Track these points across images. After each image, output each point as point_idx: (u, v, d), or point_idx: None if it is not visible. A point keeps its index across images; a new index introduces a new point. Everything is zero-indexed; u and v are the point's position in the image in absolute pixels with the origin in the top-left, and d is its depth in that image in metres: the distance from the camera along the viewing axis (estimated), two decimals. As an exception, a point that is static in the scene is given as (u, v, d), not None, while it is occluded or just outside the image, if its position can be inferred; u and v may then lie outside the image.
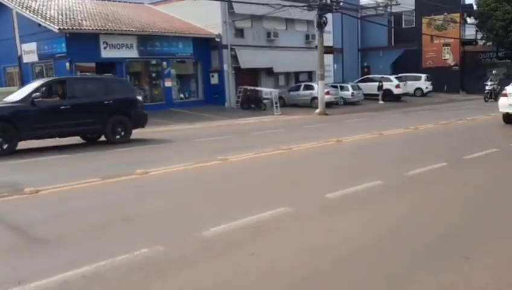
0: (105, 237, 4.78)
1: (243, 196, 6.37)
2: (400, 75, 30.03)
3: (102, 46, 20.41)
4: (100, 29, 20.04)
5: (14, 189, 6.91)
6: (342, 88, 27.05)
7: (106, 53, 20.60)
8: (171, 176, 7.85)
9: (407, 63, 32.30)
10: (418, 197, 6.05)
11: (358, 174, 7.55)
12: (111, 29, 20.39)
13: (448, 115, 18.89)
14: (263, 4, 23.06)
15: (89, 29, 19.57)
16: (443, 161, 8.15)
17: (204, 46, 24.70)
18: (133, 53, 21.67)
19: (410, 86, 30.20)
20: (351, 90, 26.77)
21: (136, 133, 13.45)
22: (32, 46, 20.44)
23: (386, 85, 27.97)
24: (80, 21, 20.17)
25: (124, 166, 8.77)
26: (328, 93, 24.08)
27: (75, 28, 19.00)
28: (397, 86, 28.28)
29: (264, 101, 24.87)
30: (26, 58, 21.10)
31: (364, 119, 19.15)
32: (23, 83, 16.20)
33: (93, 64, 20.72)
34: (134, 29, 21.40)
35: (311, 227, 4.94)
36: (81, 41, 19.46)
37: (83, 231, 4.95)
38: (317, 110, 22.30)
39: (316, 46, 23.44)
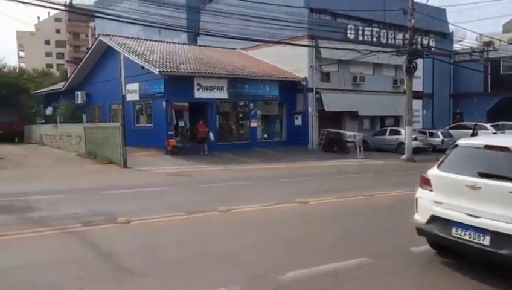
0: (187, 272, 5.03)
1: (321, 241, 6.34)
2: (497, 123, 28.02)
3: (196, 87, 21.82)
4: (195, 72, 21.51)
5: (109, 218, 7.55)
6: (431, 134, 25.86)
7: (199, 94, 21.96)
8: (251, 216, 8.06)
9: (506, 111, 30.05)
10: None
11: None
12: (204, 72, 21.80)
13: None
14: (350, 50, 23.25)
15: (185, 72, 21.14)
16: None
17: (290, 88, 25.31)
18: (223, 94, 22.85)
19: (509, 135, 27.95)
20: (441, 137, 25.48)
21: (220, 169, 14.01)
22: (134, 86, 22.49)
23: (481, 133, 26.19)
24: (177, 64, 21.88)
25: (207, 202, 9.18)
26: (415, 139, 23.16)
27: (173, 70, 20.63)
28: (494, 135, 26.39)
29: (348, 144, 24.60)
30: (129, 97, 23.19)
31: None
32: (124, 119, 17.81)
33: (186, 104, 22.16)
34: (225, 73, 22.68)
35: (393, 281, 4.77)
36: (178, 83, 21.02)
37: (166, 264, 5.27)
38: (404, 156, 21.50)
39: (404, 91, 22.90)
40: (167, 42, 26.98)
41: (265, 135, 25.56)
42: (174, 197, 10.39)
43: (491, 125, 27.28)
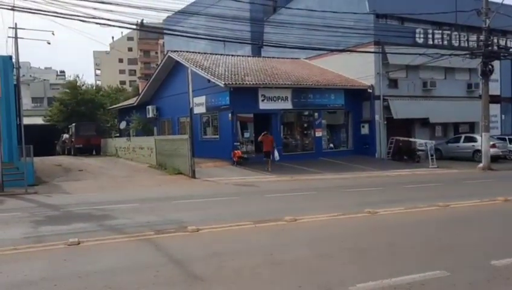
0: (254, 281, 5.05)
1: (391, 253, 6.09)
2: None
3: (260, 98, 22.09)
4: (259, 84, 21.79)
5: (179, 226, 7.82)
6: (511, 141, 24.07)
7: (263, 105, 22.20)
8: (318, 225, 7.95)
9: None
10: None
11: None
12: (268, 83, 22.02)
13: None
14: (420, 54, 22.35)
15: (249, 83, 21.49)
16: None
17: (356, 97, 24.80)
18: (287, 105, 22.91)
19: None
20: (522, 144, 23.65)
21: (285, 180, 13.99)
22: (201, 99, 23.24)
23: None
24: (242, 76, 22.32)
25: (273, 212, 9.19)
26: (494, 146, 21.68)
27: (238, 82, 21.07)
28: None
29: (418, 152, 23.57)
30: (196, 110, 23.94)
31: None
32: (192, 131, 18.45)
33: (251, 115, 22.50)
34: (289, 83, 22.74)
35: (471, 296, 4.47)
36: (242, 95, 21.40)
37: (234, 272, 5.32)
38: (481, 165, 20.17)
39: (480, 96, 21.57)
40: (232, 55, 27.64)
41: (331, 145, 25.20)
42: (241, 207, 10.53)
43: None
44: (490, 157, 20.37)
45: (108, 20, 15.61)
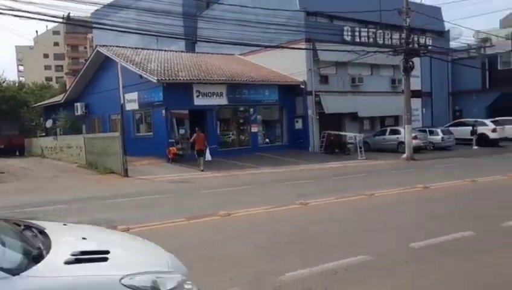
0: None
1: (320, 241, 6.35)
2: (496, 119, 28.02)
3: (195, 94, 21.89)
4: (193, 79, 21.59)
5: (109, 226, 7.55)
6: (431, 133, 25.86)
7: (198, 101, 22.02)
8: (252, 219, 8.08)
9: (505, 106, 30.04)
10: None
11: (445, 223, 7.16)
12: (203, 79, 21.89)
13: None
14: (348, 51, 23.32)
15: (183, 79, 21.22)
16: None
17: (290, 92, 25.37)
18: (223, 100, 22.92)
19: (509, 130, 27.91)
20: (440, 135, 25.48)
21: (222, 176, 14.04)
22: (133, 95, 22.60)
23: (481, 129, 26.20)
24: (176, 72, 21.98)
25: (208, 207, 9.20)
26: (415, 137, 23.15)
27: (171, 78, 20.72)
28: (493, 130, 26.31)
29: (348, 145, 24.61)
30: (128, 106, 23.26)
31: (456, 165, 18.04)
32: (123, 128, 17.90)
33: (186, 112, 22.24)
34: (224, 79, 22.75)
35: (393, 278, 4.79)
36: (176, 91, 21.08)
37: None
38: (404, 155, 21.50)
39: (403, 91, 22.93)
40: (165, 50, 27.11)
41: (267, 140, 25.59)
42: (175, 204, 10.42)
43: (491, 121, 27.28)
44: (413, 148, 21.76)
45: (29, 12, 14.67)
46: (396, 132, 24.90)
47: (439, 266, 5.07)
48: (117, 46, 25.29)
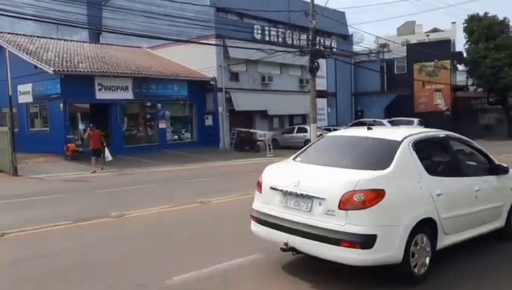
0: (62, 285, 4.57)
1: (214, 242, 6.14)
2: (392, 119, 30.28)
3: (97, 87, 20.61)
4: (95, 72, 20.31)
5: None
6: (334, 131, 27.14)
7: (101, 94, 20.77)
8: (146, 219, 7.64)
9: (400, 107, 32.64)
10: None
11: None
12: (106, 72, 20.67)
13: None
14: (257, 49, 23.55)
15: (83, 71, 19.85)
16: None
17: (200, 88, 25.02)
18: (128, 95, 21.87)
19: (404, 130, 30.30)
20: (344, 134, 26.86)
21: (124, 174, 13.34)
22: (27, 87, 20.67)
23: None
24: (76, 63, 20.50)
25: (101, 208, 8.57)
26: (320, 135, 24.11)
27: (70, 70, 19.27)
28: (390, 130, 28.39)
29: (258, 143, 24.90)
30: (21, 99, 21.28)
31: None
32: (13, 122, 16.23)
33: (87, 106, 20.87)
34: (129, 72, 21.72)
35: (279, 275, 4.73)
36: (76, 83, 19.64)
37: (40, 277, 4.76)
38: (310, 153, 22.27)
39: (309, 90, 23.73)
40: (65, 40, 25.23)
41: (176, 136, 24.99)
42: (65, 205, 9.59)
43: (388, 121, 29.38)
44: (317, 145, 22.60)
45: None
46: (304, 130, 25.74)
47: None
48: (9, 33, 22.95)
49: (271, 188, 4.75)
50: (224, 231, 6.79)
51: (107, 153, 16.98)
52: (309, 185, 4.34)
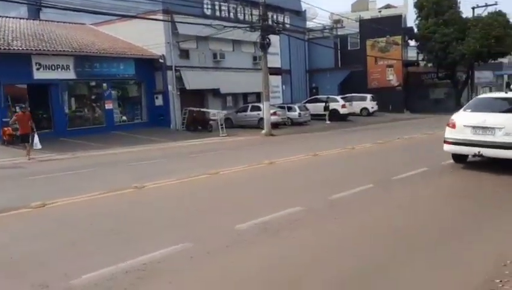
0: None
1: (139, 232, 5.64)
2: (346, 95, 30.44)
3: (34, 66, 19.25)
4: (32, 50, 18.92)
5: None
6: (289, 109, 26.94)
7: (39, 74, 19.43)
8: (70, 209, 7.01)
9: (354, 83, 32.87)
10: (336, 225, 5.63)
11: (278, 200, 7.09)
12: (44, 50, 19.29)
13: (390, 132, 19.09)
14: (206, 25, 22.72)
15: (18, 49, 18.43)
16: (370, 183, 7.86)
17: (148, 67, 23.98)
18: (70, 74, 20.60)
19: (356, 106, 30.62)
20: (297, 111, 26.71)
21: (64, 158, 12.50)
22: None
23: (333, 105, 28.17)
24: (9, 41, 19.00)
25: (23, 198, 7.78)
26: (274, 114, 23.86)
27: (2, 48, 17.82)
28: (343, 106, 28.53)
29: (211, 122, 24.33)
30: (-50, 80, 19.59)
31: (306, 140, 18.95)
32: None
33: (24, 86, 19.51)
34: (70, 50, 20.40)
35: (212, 266, 4.36)
36: (11, 62, 18.21)
37: None
38: (263, 131, 21.98)
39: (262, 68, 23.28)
40: (1, 16, 23.35)
41: (124, 117, 24.00)
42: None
43: (341, 97, 29.50)
44: (271, 124, 22.33)
45: None
46: (257, 109, 25.33)
47: (258, 249, 4.83)
48: None
49: (464, 125, 8.70)
50: (154, 218, 6.32)
51: (36, 139, 15.26)
52: (493, 121, 8.36)
